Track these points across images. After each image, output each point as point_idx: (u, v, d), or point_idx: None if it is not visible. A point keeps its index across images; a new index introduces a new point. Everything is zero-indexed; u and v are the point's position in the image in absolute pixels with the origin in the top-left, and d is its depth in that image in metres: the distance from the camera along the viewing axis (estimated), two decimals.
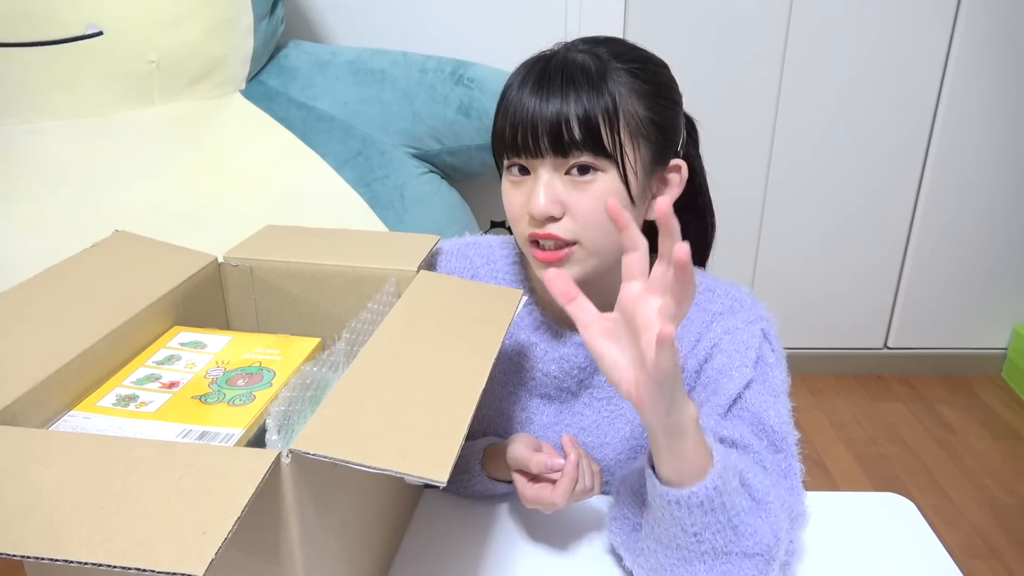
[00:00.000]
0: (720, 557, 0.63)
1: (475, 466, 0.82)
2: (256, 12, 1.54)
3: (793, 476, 0.72)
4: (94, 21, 1.41)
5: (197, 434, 0.58)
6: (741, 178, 2.12)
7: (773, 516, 0.65)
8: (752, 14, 1.96)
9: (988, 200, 2.14)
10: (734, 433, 0.71)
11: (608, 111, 0.69)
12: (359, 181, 1.52)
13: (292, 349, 0.71)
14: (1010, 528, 1.76)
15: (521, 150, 0.71)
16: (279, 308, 0.82)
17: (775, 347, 0.77)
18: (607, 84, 0.69)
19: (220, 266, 0.81)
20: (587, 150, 0.69)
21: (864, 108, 2.05)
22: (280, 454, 0.49)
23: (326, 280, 0.80)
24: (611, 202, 0.58)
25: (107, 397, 0.62)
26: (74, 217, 1.35)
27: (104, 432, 0.57)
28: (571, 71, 0.70)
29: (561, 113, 0.68)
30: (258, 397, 0.62)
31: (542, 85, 0.70)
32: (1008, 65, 2.00)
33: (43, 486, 0.46)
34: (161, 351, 0.69)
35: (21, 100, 1.45)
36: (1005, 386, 2.30)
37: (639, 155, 0.71)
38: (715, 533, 0.63)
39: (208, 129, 1.53)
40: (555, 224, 0.71)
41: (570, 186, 0.70)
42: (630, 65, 0.72)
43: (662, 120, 0.73)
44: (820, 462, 1.97)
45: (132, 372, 0.66)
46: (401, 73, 1.63)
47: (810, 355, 2.32)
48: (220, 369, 0.67)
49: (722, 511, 0.62)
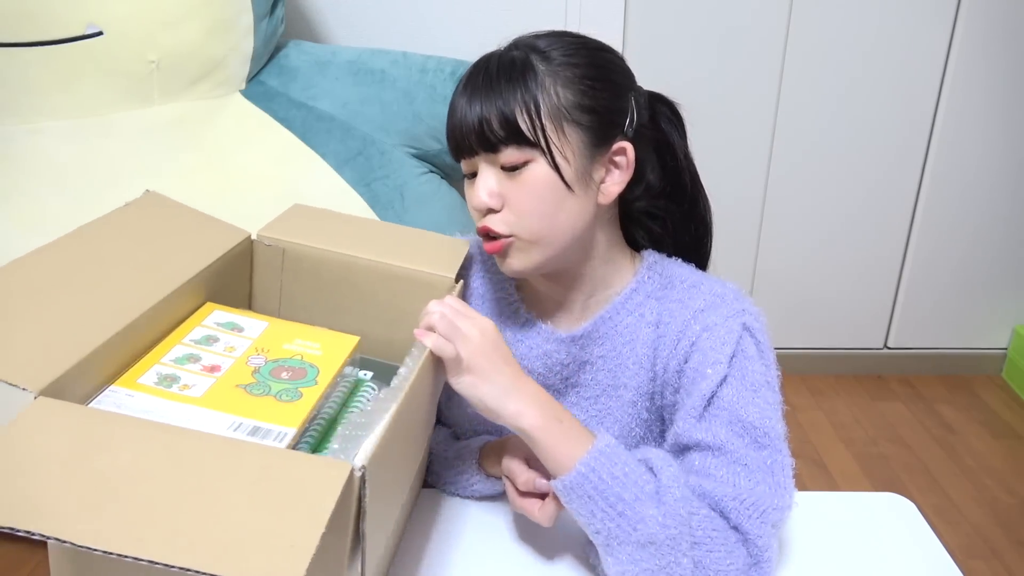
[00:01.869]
0: (623, 546, 0.65)
1: (472, 465, 0.82)
2: (256, 12, 1.54)
3: (780, 472, 0.69)
4: (94, 21, 1.41)
5: (249, 428, 0.56)
6: (741, 178, 2.12)
7: (668, 507, 0.63)
8: (752, 14, 1.96)
9: (988, 200, 2.14)
10: (707, 436, 0.70)
11: (526, 102, 0.71)
12: (359, 181, 1.52)
13: (332, 345, 0.70)
14: (1010, 528, 1.76)
15: (458, 152, 0.76)
16: (305, 293, 0.80)
17: (759, 340, 0.75)
18: (526, 77, 0.72)
19: (253, 243, 0.79)
20: (511, 143, 0.72)
21: (864, 108, 2.05)
22: (353, 467, 0.48)
23: (359, 273, 0.78)
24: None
25: (147, 374, 0.61)
26: (74, 217, 1.33)
27: (150, 414, 0.56)
28: (492, 71, 0.74)
29: (482, 114, 0.72)
30: (305, 395, 0.62)
31: (467, 89, 0.75)
32: (1008, 65, 2.00)
33: (112, 475, 0.44)
34: (197, 329, 0.68)
35: (21, 100, 1.45)
36: (1005, 386, 2.30)
37: (567, 141, 0.72)
38: (603, 521, 0.65)
39: (208, 129, 1.53)
40: (492, 216, 0.74)
41: (506, 180, 0.73)
42: (561, 52, 0.74)
43: (596, 104, 0.74)
44: (820, 462, 1.97)
45: (170, 349, 0.64)
46: (401, 73, 1.63)
47: (810, 355, 2.32)
48: (261, 358, 0.66)
49: (601, 497, 0.64)
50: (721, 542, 0.65)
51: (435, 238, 0.87)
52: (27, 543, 1.61)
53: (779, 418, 0.72)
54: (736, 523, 0.65)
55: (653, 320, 0.79)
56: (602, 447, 0.66)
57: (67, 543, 0.40)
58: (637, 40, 1.96)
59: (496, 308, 0.86)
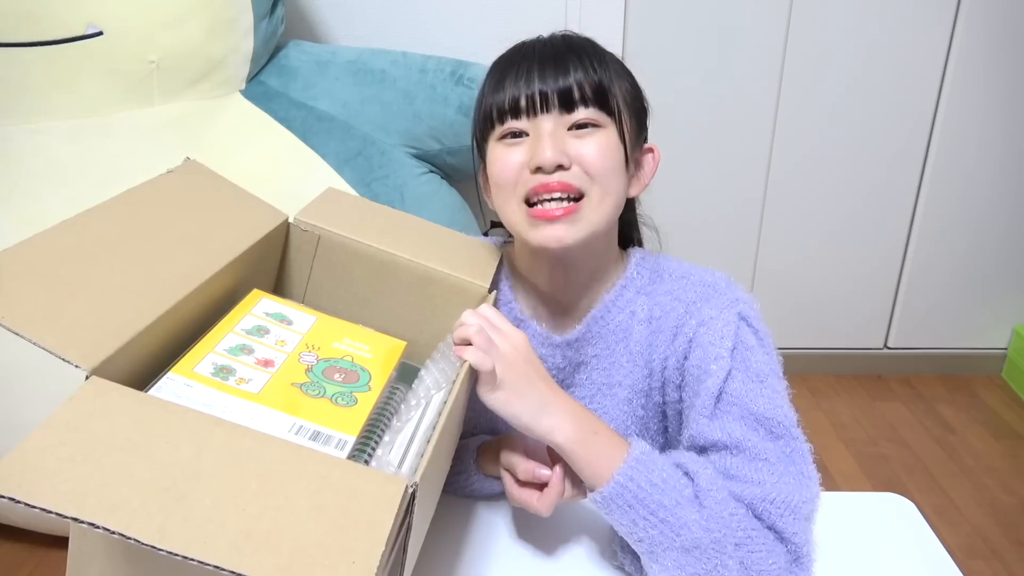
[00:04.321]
0: (668, 552, 0.64)
1: (470, 465, 0.82)
2: (256, 12, 1.54)
3: (800, 460, 0.69)
4: (94, 21, 1.41)
5: (310, 432, 0.56)
6: (741, 178, 2.12)
7: (709, 510, 0.63)
8: (752, 14, 1.96)
9: (988, 200, 2.14)
10: (722, 435, 0.69)
11: (610, 78, 0.73)
12: (359, 181, 1.52)
13: (382, 349, 0.69)
14: (1010, 528, 1.76)
15: (523, 112, 0.72)
16: (334, 283, 0.78)
17: (756, 328, 0.75)
18: (604, 56, 0.74)
19: (289, 226, 0.77)
20: (593, 106, 0.72)
21: (864, 108, 2.05)
22: (407, 485, 0.48)
23: (393, 271, 0.76)
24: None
25: (203, 364, 0.60)
26: None
27: (211, 407, 0.55)
28: (570, 43, 0.74)
29: (569, 69, 0.72)
30: (360, 401, 0.61)
31: (544, 55, 0.73)
32: (1008, 65, 2.00)
33: (174, 469, 0.43)
34: (247, 318, 0.67)
35: (21, 100, 1.45)
36: (1005, 386, 2.30)
37: (630, 125, 0.75)
38: (646, 529, 0.64)
39: (208, 129, 1.53)
40: (563, 172, 0.71)
41: (573, 138, 0.72)
42: (607, 54, 0.77)
43: (640, 101, 0.78)
44: (820, 462, 1.95)
45: (222, 338, 0.63)
46: (401, 73, 1.63)
47: (810, 355, 2.32)
48: (313, 355, 0.65)
49: (641, 506, 0.64)
50: (761, 541, 0.64)
51: (470, 242, 0.84)
52: (27, 543, 1.62)
53: (788, 404, 0.72)
54: (770, 523, 0.65)
55: (645, 316, 0.79)
56: (638, 455, 0.65)
57: (132, 540, 0.39)
58: (637, 40, 1.96)
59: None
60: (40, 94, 1.45)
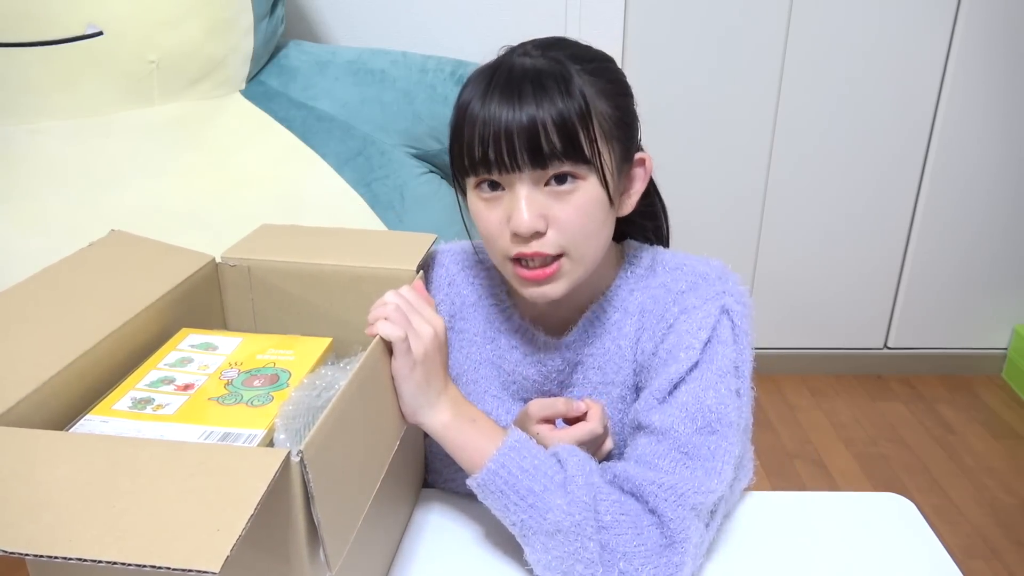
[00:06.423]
0: (535, 535, 0.66)
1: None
2: (256, 12, 1.54)
3: (720, 458, 0.69)
4: (94, 21, 1.41)
5: (220, 435, 0.57)
6: (741, 178, 2.12)
7: (572, 495, 0.65)
8: (752, 15, 1.96)
9: (988, 200, 2.14)
10: (660, 422, 0.70)
11: (583, 115, 0.66)
12: (359, 181, 1.52)
13: (305, 349, 0.71)
14: (1010, 528, 1.76)
15: (494, 165, 0.67)
16: (277, 308, 0.82)
17: (736, 324, 0.74)
18: (571, 87, 0.67)
19: (218, 266, 0.81)
20: (567, 159, 0.67)
21: (864, 108, 2.05)
22: (289, 453, 0.49)
23: (325, 280, 0.80)
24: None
25: (122, 400, 0.62)
26: (74, 217, 1.35)
27: (123, 435, 0.57)
28: (538, 77, 0.67)
29: (536, 121, 0.65)
30: (276, 397, 0.62)
31: (511, 94, 0.66)
32: (1008, 65, 2.00)
33: (51, 486, 0.46)
34: (172, 354, 0.69)
35: (21, 100, 1.45)
36: (1005, 386, 2.30)
37: (613, 157, 0.71)
38: (517, 513, 0.66)
39: (208, 129, 1.53)
40: (540, 240, 0.69)
41: (551, 197, 0.68)
42: (588, 65, 0.70)
43: (625, 117, 0.72)
44: (820, 462, 1.97)
45: (145, 375, 0.65)
46: (401, 73, 1.63)
47: (810, 355, 2.32)
48: (235, 370, 0.67)
49: (512, 491, 0.66)
50: (630, 525, 0.66)
51: (398, 236, 0.89)
52: None
53: (738, 406, 0.72)
54: (653, 506, 0.66)
55: (636, 311, 0.79)
56: (512, 443, 0.68)
57: (2, 552, 0.42)
58: (637, 41, 1.96)
59: (489, 315, 0.85)
60: (40, 94, 1.45)
